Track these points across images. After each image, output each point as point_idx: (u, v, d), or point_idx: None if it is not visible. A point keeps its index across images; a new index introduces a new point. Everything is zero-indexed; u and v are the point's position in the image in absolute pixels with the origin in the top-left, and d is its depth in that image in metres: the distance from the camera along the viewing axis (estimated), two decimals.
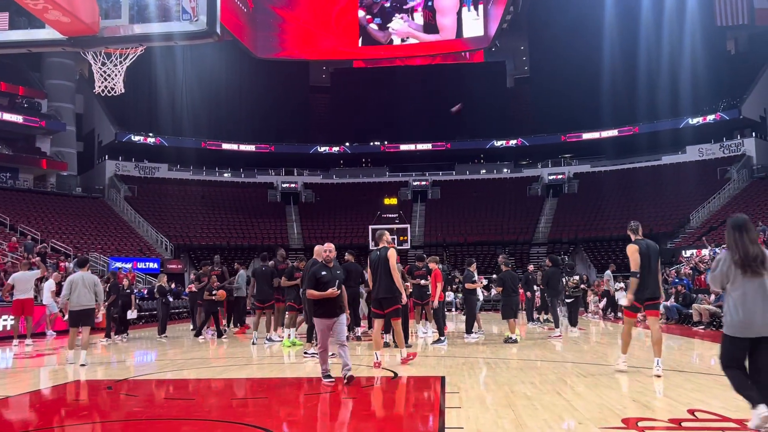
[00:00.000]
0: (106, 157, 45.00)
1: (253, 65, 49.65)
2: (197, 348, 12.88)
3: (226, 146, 49.07)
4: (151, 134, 46.30)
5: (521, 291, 17.17)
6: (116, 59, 9.17)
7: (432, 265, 12.60)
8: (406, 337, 10.98)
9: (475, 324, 13.74)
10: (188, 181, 46.69)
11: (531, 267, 20.74)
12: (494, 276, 22.43)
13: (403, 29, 51.47)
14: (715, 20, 43.14)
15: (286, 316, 12.36)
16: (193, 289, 16.51)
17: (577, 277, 16.70)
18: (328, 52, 52.39)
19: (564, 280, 15.50)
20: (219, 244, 39.45)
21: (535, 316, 18.23)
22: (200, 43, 8.85)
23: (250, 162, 49.78)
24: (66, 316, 11.04)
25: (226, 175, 48.99)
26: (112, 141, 45.08)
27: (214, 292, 14.74)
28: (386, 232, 9.47)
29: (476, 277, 13.51)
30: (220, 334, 14.73)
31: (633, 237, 7.79)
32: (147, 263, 33.57)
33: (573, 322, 15.37)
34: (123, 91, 9.42)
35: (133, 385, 8.07)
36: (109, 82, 9.21)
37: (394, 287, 8.64)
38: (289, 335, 12.03)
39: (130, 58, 9.20)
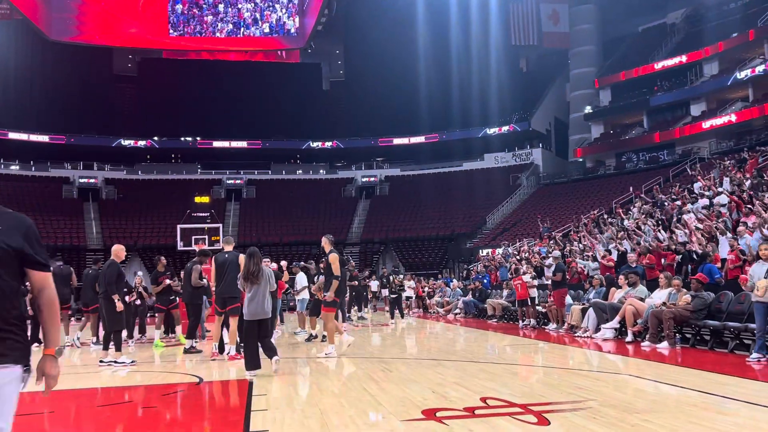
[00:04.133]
0: None
1: (48, 48, 45.14)
2: None
3: (13, 135, 43.99)
4: None
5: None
6: None
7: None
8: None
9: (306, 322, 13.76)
10: None
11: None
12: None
13: (216, 22, 50.07)
14: (510, 39, 47.48)
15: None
16: None
17: (401, 276, 21.43)
18: (133, 40, 49.31)
19: (391, 277, 20.16)
20: None
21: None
22: None
23: (43, 154, 45.05)
24: None
25: (13, 167, 43.92)
26: None
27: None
28: (231, 237, 10.85)
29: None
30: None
31: (329, 247, 9.79)
32: None
33: (402, 314, 19.24)
34: None
35: None
36: None
37: (237, 288, 9.49)
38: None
39: None
